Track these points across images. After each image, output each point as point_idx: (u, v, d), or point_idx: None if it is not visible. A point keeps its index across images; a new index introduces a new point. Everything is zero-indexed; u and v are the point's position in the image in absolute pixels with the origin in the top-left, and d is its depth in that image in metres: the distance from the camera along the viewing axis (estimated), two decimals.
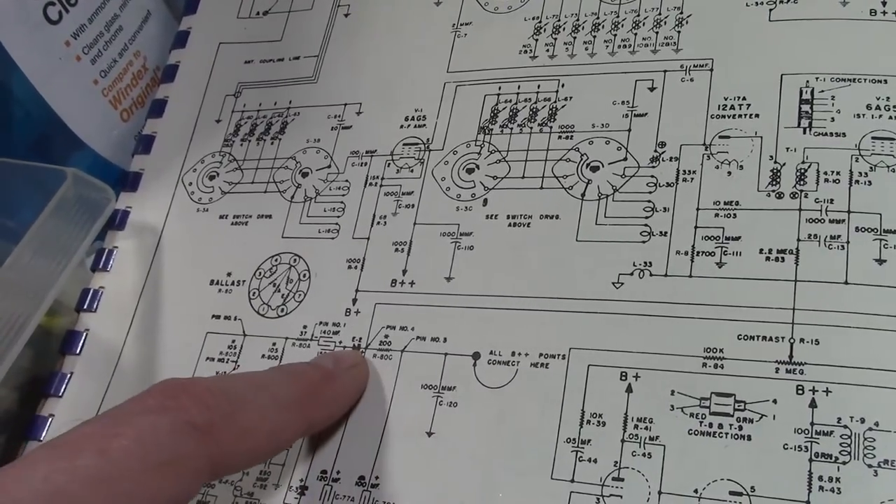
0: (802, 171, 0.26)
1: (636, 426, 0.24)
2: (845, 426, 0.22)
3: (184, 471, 0.20)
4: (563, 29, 0.31)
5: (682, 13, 0.29)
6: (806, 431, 0.23)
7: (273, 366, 0.29)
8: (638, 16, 0.30)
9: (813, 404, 0.23)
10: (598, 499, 0.24)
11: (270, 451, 0.24)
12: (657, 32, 0.30)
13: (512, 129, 0.30)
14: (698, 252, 0.26)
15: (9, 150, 0.33)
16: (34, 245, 0.30)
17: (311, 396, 0.25)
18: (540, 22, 0.31)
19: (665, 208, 0.27)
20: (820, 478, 0.22)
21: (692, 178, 0.27)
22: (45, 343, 0.33)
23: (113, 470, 0.19)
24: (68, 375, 0.32)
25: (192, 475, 0.21)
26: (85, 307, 0.33)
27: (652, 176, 0.27)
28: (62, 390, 0.32)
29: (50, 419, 0.31)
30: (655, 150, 0.28)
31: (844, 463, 0.22)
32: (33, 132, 0.34)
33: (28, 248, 0.30)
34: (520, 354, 0.26)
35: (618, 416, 0.25)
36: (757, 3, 0.28)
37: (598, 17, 0.31)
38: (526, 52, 0.31)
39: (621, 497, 0.24)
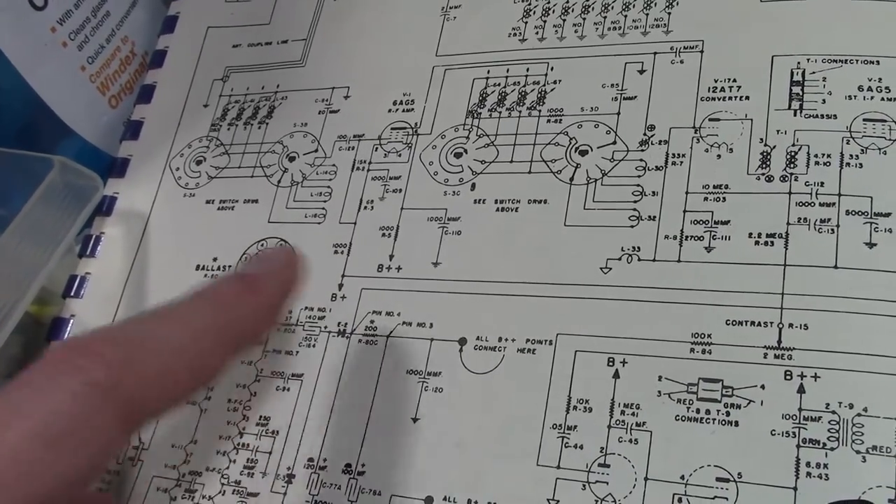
0: (793, 153, 0.25)
1: (623, 412, 0.24)
2: (833, 412, 0.22)
3: (91, 435, 0.19)
4: (553, 11, 0.31)
5: None
6: (794, 417, 0.22)
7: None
8: None
9: (801, 390, 0.23)
10: (584, 485, 0.23)
11: (196, 385, 0.22)
12: (647, 14, 0.29)
13: (500, 112, 0.30)
14: (687, 236, 0.25)
15: None
16: (21, 233, 0.30)
17: (231, 317, 0.22)
18: (529, 4, 0.31)
19: (654, 192, 0.26)
20: (808, 464, 0.22)
21: (681, 162, 0.26)
22: (34, 332, 0.32)
23: (10, 454, 0.17)
24: None
25: (102, 437, 0.19)
26: (71, 293, 0.33)
27: (641, 160, 0.27)
28: None
29: None
30: (645, 134, 0.27)
31: (832, 449, 0.22)
32: (20, 120, 0.34)
33: (14, 236, 0.30)
34: (506, 340, 0.26)
35: (604, 402, 0.24)
36: None
37: (587, 0, 0.30)
38: (515, 34, 0.31)
39: (607, 483, 0.23)
